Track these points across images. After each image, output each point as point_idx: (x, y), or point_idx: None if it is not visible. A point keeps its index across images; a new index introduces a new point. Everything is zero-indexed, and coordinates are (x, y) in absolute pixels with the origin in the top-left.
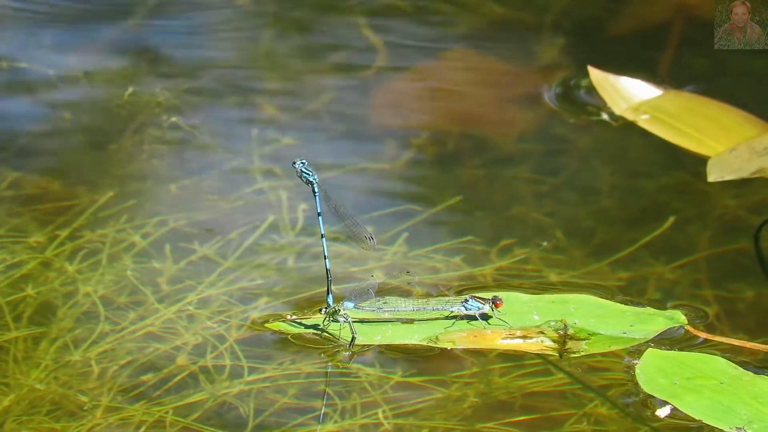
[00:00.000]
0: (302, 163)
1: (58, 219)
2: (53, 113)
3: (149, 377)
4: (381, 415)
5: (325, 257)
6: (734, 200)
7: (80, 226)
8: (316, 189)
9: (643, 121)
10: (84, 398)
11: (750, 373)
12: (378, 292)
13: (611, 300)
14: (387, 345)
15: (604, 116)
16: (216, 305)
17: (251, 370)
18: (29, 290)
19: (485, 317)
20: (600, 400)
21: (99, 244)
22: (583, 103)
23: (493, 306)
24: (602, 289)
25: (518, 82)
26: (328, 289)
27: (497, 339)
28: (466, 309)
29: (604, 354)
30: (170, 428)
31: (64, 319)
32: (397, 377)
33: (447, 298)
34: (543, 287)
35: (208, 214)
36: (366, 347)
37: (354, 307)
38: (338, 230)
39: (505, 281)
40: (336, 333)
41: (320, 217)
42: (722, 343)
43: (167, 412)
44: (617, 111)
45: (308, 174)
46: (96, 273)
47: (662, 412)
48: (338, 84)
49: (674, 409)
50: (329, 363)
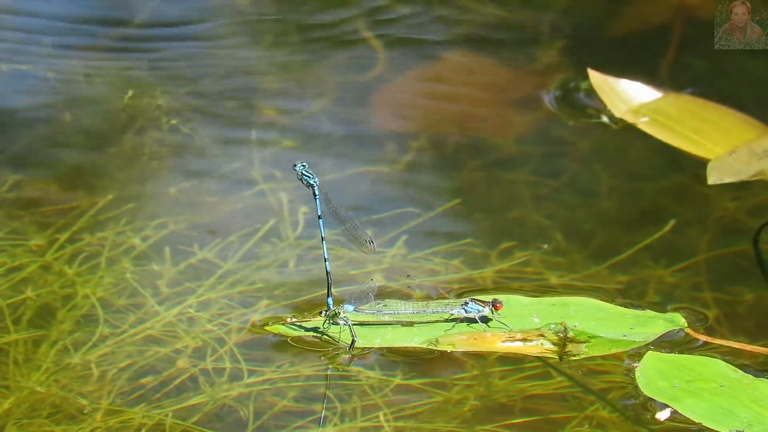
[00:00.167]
0: (303, 166)
1: (58, 222)
2: (53, 116)
3: (149, 380)
4: (381, 418)
5: (326, 260)
6: (734, 203)
7: (80, 229)
8: (317, 192)
9: (643, 124)
10: (84, 401)
11: (750, 376)
12: (378, 295)
13: (611, 303)
14: (387, 348)
15: (604, 119)
16: (216, 308)
17: (251, 373)
18: (29, 293)
19: (485, 320)
20: (600, 403)
21: (98, 247)
22: (583, 106)
23: (493, 309)
24: (602, 292)
25: (518, 85)
26: (329, 292)
27: (497, 342)
28: (466, 312)
29: (604, 357)
30: (170, 431)
31: (64, 322)
32: (397, 380)
33: (447, 301)
34: (543, 290)
35: (208, 217)
36: (366, 350)
37: (354, 310)
38: (338, 233)
39: (505, 284)
40: (336, 336)
41: (321, 220)
42: (722, 346)
43: (167, 415)
44: (617, 113)
45: (309, 177)
46: (96, 276)
47: (662, 415)
48: (338, 86)
49: (674, 412)
50: (329, 366)
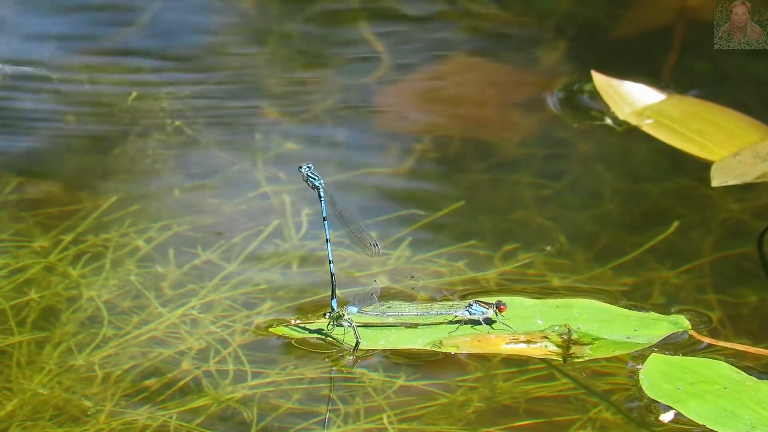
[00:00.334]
0: (308, 168)
1: (62, 223)
2: (56, 117)
3: (153, 382)
4: (385, 420)
5: (330, 261)
6: (738, 205)
7: (84, 231)
8: (322, 194)
9: (647, 126)
10: (88, 403)
11: (754, 378)
12: (382, 297)
13: (615, 305)
14: (391, 349)
15: (608, 121)
16: (219, 310)
17: (255, 375)
18: (33, 295)
19: (489, 322)
20: (604, 405)
21: (102, 249)
22: (587, 108)
23: (497, 310)
24: (606, 294)
25: (521, 87)
26: (333, 294)
27: (501, 343)
28: (470, 313)
29: (608, 359)
30: None
31: (68, 324)
32: (401, 382)
33: (451, 303)
34: (547, 292)
35: (212, 219)
36: (370, 352)
37: (358, 312)
38: (342, 235)
39: (509, 286)
40: (340, 337)
41: (326, 222)
42: (726, 348)
43: (171, 417)
44: (621, 115)
45: (314, 178)
46: (99, 277)
47: (666, 417)
48: (342, 88)
49: (678, 414)
50: (333, 368)
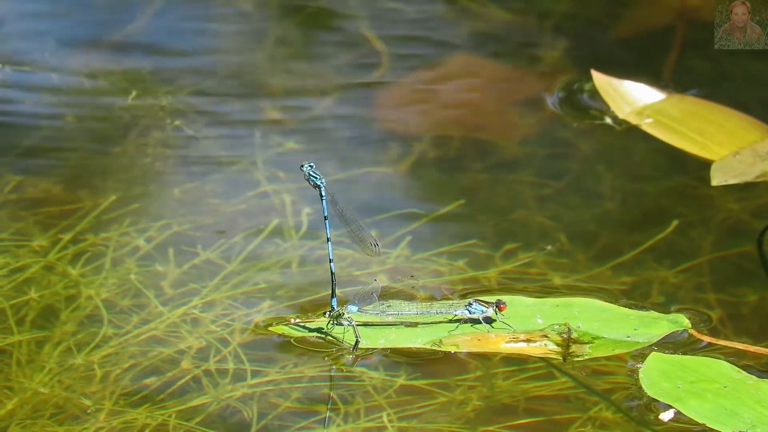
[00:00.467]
0: (310, 167)
1: (62, 222)
2: (56, 116)
3: (152, 381)
4: (385, 419)
5: (330, 260)
6: (738, 204)
7: (83, 230)
8: (323, 193)
9: (647, 125)
10: (87, 402)
11: (753, 377)
12: (382, 296)
13: (615, 303)
14: (391, 348)
15: (608, 120)
16: (219, 309)
17: (254, 374)
18: (32, 294)
19: (489, 321)
20: (604, 404)
21: (102, 248)
22: (586, 107)
23: (497, 309)
24: (606, 293)
25: (521, 86)
26: (333, 293)
27: (501, 342)
28: (470, 312)
29: (608, 357)
30: None
31: (68, 323)
32: (401, 381)
33: (451, 302)
34: (547, 291)
35: (212, 218)
36: (370, 351)
37: (358, 311)
38: (342, 234)
39: (509, 285)
40: (340, 336)
41: (326, 221)
42: (726, 347)
43: (170, 416)
44: (620, 115)
45: (316, 177)
46: (99, 276)
47: (666, 416)
48: (342, 88)
49: (678, 413)
50: (333, 366)
